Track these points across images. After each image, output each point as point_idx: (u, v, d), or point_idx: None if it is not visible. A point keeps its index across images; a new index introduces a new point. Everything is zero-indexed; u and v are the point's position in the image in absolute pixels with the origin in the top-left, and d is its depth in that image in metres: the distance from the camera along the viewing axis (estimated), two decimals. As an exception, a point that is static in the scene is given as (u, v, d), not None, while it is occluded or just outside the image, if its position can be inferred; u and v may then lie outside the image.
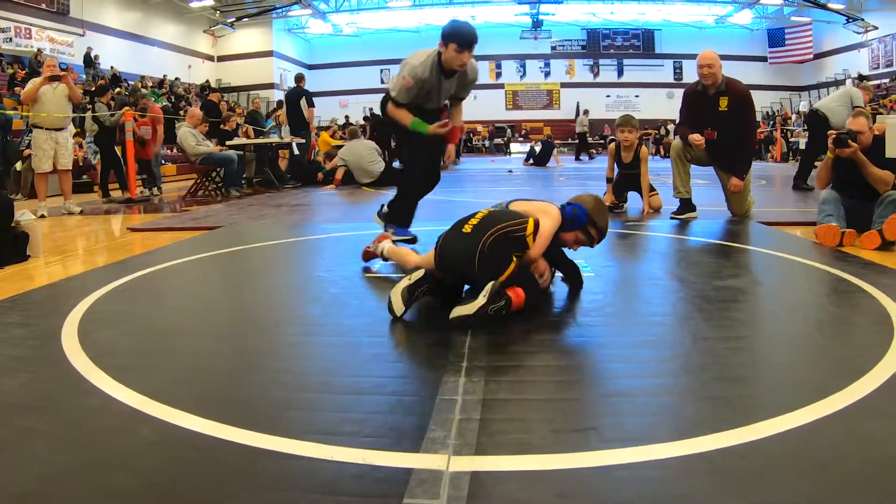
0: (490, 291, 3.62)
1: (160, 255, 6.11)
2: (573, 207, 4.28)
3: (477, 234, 3.91)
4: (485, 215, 4.09)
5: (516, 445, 2.21)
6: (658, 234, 7.13)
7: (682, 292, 4.53)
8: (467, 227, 4.00)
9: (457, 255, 3.95)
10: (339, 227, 7.86)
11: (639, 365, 3.07)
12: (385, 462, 2.11)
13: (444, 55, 5.71)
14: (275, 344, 3.63)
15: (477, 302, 3.58)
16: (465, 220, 4.09)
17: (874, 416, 2.43)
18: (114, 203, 12.60)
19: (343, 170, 14.80)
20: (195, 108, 16.94)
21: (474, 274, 3.85)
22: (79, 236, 8.25)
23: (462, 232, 3.99)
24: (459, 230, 4.03)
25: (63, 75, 10.78)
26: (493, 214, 4.12)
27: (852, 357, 3.09)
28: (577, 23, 44.40)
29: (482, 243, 3.84)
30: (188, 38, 38.15)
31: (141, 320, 4.09)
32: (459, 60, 5.67)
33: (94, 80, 24.51)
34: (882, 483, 1.98)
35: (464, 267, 3.91)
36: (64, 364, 3.13)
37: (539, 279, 4.16)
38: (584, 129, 31.58)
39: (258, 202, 11.72)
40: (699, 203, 8.28)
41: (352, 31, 45.19)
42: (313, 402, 2.67)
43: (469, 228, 3.98)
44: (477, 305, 3.57)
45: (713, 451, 2.15)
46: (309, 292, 4.80)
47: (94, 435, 2.39)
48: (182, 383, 2.90)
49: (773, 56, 43.14)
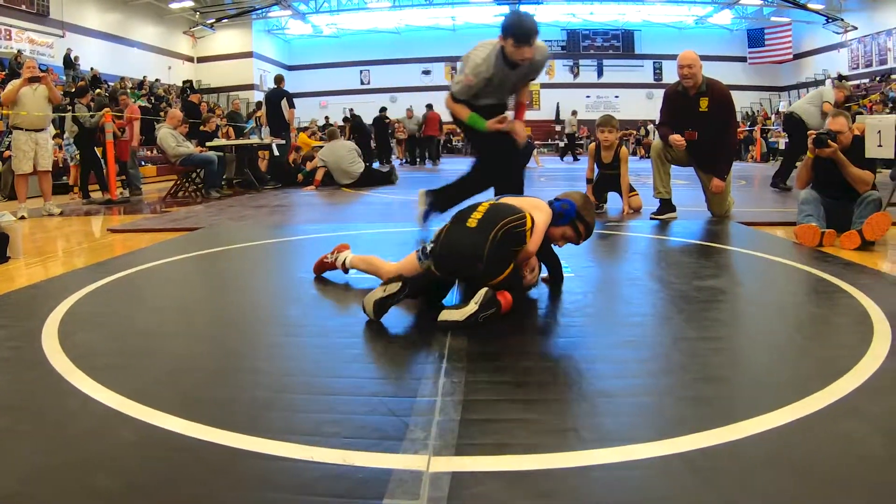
0: (483, 298, 3.56)
1: (140, 257, 6.08)
2: (562, 203, 4.24)
3: (484, 228, 3.81)
4: (488, 209, 3.97)
5: (496, 446, 2.22)
6: (638, 235, 7.14)
7: (662, 293, 4.54)
8: (472, 222, 3.87)
9: (463, 251, 3.82)
10: (319, 228, 7.84)
11: (619, 365, 3.07)
12: (365, 462, 2.11)
13: (506, 49, 5.69)
14: (255, 345, 3.63)
15: (468, 309, 3.53)
16: (466, 214, 3.98)
17: (853, 415, 2.44)
18: (94, 204, 12.54)
19: (323, 171, 14.78)
20: (175, 108, 16.89)
21: (476, 270, 3.78)
22: (59, 237, 8.20)
23: (467, 226, 3.86)
24: (463, 224, 3.90)
25: (43, 76, 10.74)
26: (495, 208, 4.00)
27: (832, 357, 3.11)
28: (556, 23, 44.45)
29: (491, 240, 3.76)
30: (168, 39, 38.04)
31: (121, 321, 4.07)
32: (520, 55, 5.64)
33: (74, 82, 24.39)
34: (861, 482, 1.99)
35: (468, 262, 3.81)
36: (44, 365, 3.11)
37: (529, 274, 4.15)
38: (572, 130, 31.65)
39: (238, 203, 11.68)
40: (679, 203, 8.31)
41: (332, 32, 45.16)
42: (294, 403, 2.66)
43: (474, 223, 3.86)
44: (467, 313, 3.52)
45: (693, 451, 2.15)
46: (289, 293, 4.79)
47: (75, 436, 2.38)
48: (162, 384, 2.90)
49: (752, 56, 43.34)
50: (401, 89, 43.96)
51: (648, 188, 8.78)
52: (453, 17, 44.06)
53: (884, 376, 2.80)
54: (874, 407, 2.52)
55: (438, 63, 45.81)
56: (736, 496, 1.91)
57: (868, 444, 2.23)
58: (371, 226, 7.99)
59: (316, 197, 12.84)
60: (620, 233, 7.26)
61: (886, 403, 2.55)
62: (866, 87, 32.83)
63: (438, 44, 44.99)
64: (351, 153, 14.99)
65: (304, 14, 41.92)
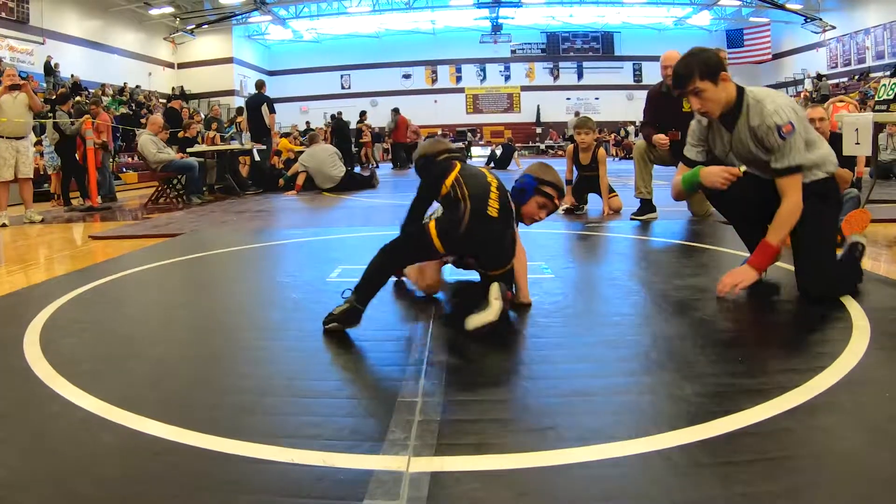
0: (500, 292, 3.56)
1: (122, 263, 6.07)
2: (518, 181, 4.11)
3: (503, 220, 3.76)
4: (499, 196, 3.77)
5: (476, 445, 2.23)
6: (618, 235, 7.17)
7: (642, 292, 4.57)
8: (492, 211, 3.70)
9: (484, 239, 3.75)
10: (300, 233, 7.84)
11: (598, 364, 3.09)
12: (345, 464, 2.11)
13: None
14: (236, 349, 3.62)
15: (495, 306, 3.50)
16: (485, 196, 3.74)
17: (833, 410, 2.46)
18: (75, 211, 12.50)
19: (304, 175, 14.74)
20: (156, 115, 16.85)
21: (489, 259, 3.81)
22: (40, 245, 8.17)
23: (488, 215, 3.69)
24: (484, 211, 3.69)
25: (23, 84, 10.72)
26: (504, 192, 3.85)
27: (812, 353, 3.14)
28: (536, 26, 44.55)
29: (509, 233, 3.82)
30: (148, 45, 37.86)
31: (103, 327, 4.06)
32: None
33: (54, 89, 24.28)
34: (841, 476, 2.01)
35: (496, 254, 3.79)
36: (26, 372, 3.10)
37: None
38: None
39: (220, 209, 11.66)
40: (659, 204, 8.33)
41: (312, 37, 45.07)
42: (274, 406, 2.66)
43: (494, 213, 3.71)
44: (497, 309, 3.50)
45: (672, 448, 2.17)
46: (270, 298, 4.79)
47: (57, 441, 2.37)
48: (144, 389, 2.89)
49: (732, 57, 43.45)
50: (381, 93, 43.94)
51: (629, 189, 8.81)
52: (433, 21, 44.07)
53: (862, 371, 2.82)
54: (853, 402, 2.54)
55: (419, 67, 45.86)
56: (715, 492, 1.92)
57: (848, 438, 2.25)
58: (353, 230, 8.00)
59: (297, 202, 12.83)
60: (601, 233, 7.28)
61: (865, 398, 2.58)
62: (845, 86, 33.04)
63: (418, 48, 45.06)
64: (332, 157, 14.96)
65: (284, 19, 41.83)
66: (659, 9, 42.23)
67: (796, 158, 3.92)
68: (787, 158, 3.91)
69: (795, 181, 3.95)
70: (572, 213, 8.85)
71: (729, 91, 4.05)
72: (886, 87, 7.61)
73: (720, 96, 4.05)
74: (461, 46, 44.55)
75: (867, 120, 7.00)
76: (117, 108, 26.98)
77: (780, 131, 3.86)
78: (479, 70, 46.18)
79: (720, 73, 4.01)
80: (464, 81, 46.37)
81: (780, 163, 3.94)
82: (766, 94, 4.00)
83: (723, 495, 1.90)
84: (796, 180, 3.96)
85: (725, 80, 4.02)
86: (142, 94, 33.81)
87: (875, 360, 2.96)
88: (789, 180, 3.96)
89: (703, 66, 4.02)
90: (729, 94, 4.05)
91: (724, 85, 4.03)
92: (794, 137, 3.87)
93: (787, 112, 3.87)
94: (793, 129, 3.86)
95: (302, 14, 41.54)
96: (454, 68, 46.00)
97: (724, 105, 4.09)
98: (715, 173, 4.19)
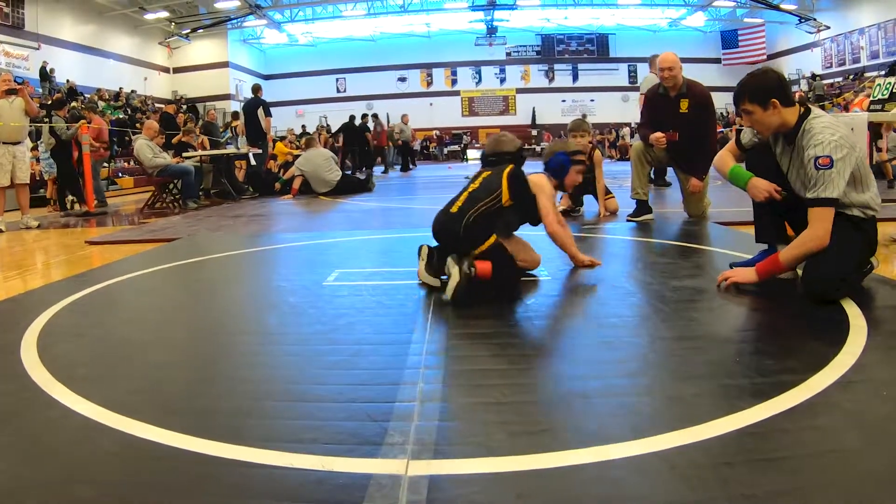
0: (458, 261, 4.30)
1: (118, 268, 6.07)
2: (553, 161, 5.21)
3: (461, 215, 4.64)
4: (466, 198, 4.78)
5: (474, 449, 2.23)
6: (615, 237, 7.17)
7: (639, 294, 4.56)
8: (454, 209, 4.75)
9: (447, 233, 4.72)
10: (296, 237, 7.84)
11: (595, 366, 3.09)
12: (344, 468, 2.11)
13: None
14: (234, 353, 3.62)
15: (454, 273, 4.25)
16: (453, 201, 4.84)
17: (830, 410, 2.47)
18: (71, 216, 12.50)
19: (300, 179, 14.74)
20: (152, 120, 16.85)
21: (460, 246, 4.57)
22: (37, 250, 8.18)
23: (450, 212, 4.75)
24: (448, 211, 4.78)
25: (20, 89, 10.72)
26: (472, 195, 4.77)
27: (808, 353, 3.13)
28: (531, 28, 44.65)
29: (465, 223, 4.58)
30: (144, 50, 37.89)
31: (100, 333, 4.06)
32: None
33: (50, 94, 24.27)
34: (839, 476, 2.01)
35: (452, 241, 4.64)
36: (24, 378, 3.10)
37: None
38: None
39: (216, 213, 11.66)
40: (655, 205, 8.34)
41: (307, 41, 45.16)
42: (273, 411, 2.66)
43: (455, 209, 4.73)
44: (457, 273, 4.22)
45: (670, 450, 2.16)
46: (268, 302, 4.79)
47: (55, 447, 2.37)
48: (142, 394, 2.89)
49: (726, 57, 43.59)
50: (377, 97, 44.01)
51: (625, 191, 8.82)
52: (428, 24, 44.13)
53: (860, 371, 2.82)
54: (851, 401, 2.54)
55: (414, 70, 45.90)
56: (714, 493, 1.92)
57: (845, 438, 2.25)
58: (349, 233, 8.00)
59: (293, 206, 12.82)
60: (597, 235, 7.29)
61: (862, 398, 2.58)
62: (840, 86, 33.10)
63: (414, 51, 45.13)
64: (328, 161, 14.97)
65: (280, 23, 41.86)
66: (653, 10, 42.31)
67: (829, 192, 3.90)
68: (819, 189, 3.91)
69: (824, 214, 3.94)
70: (569, 216, 8.84)
71: (783, 117, 4.11)
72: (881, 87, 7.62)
73: (770, 121, 4.13)
74: (456, 49, 44.64)
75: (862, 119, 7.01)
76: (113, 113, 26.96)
77: (816, 162, 3.89)
78: (475, 73, 46.25)
79: (771, 99, 4.06)
80: (459, 84, 46.45)
81: (811, 192, 3.96)
82: (824, 125, 4.01)
83: (722, 496, 1.89)
84: (825, 213, 3.94)
85: (777, 108, 4.08)
86: (137, 98, 33.79)
87: (872, 360, 2.96)
88: (819, 212, 3.95)
89: (754, 89, 4.15)
90: (783, 119, 4.12)
91: (775, 111, 4.09)
92: (831, 172, 3.87)
93: (829, 146, 3.88)
94: (830, 164, 3.86)
95: (297, 18, 41.62)
96: (449, 71, 46.07)
97: (776, 128, 4.18)
98: (760, 188, 4.34)
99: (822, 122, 4.02)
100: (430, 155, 43.42)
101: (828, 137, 3.90)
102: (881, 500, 1.88)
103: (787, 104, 4.10)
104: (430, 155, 43.42)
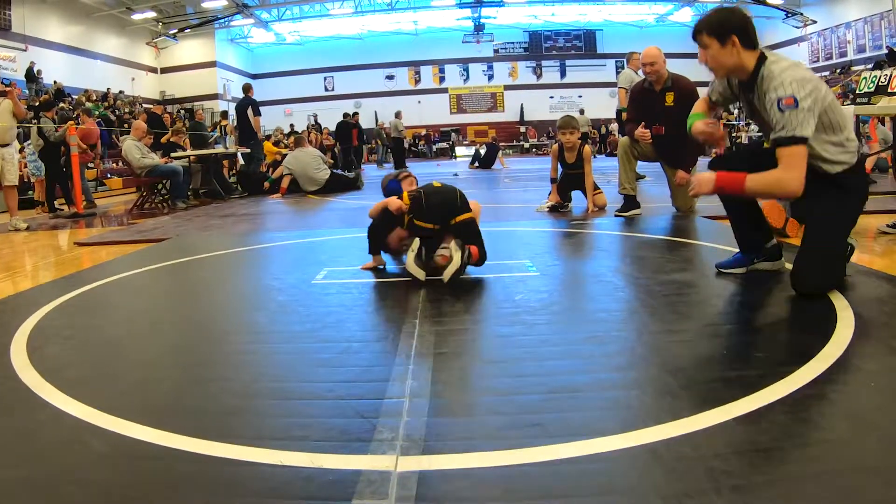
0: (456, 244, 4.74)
1: (108, 269, 6.06)
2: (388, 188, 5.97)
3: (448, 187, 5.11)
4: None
5: (463, 444, 2.23)
6: (603, 232, 7.18)
7: (627, 288, 4.58)
8: (437, 184, 5.14)
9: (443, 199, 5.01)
10: (285, 236, 7.84)
11: (584, 360, 3.10)
12: (334, 465, 2.12)
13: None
14: (223, 352, 3.62)
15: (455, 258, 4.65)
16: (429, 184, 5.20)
17: (818, 401, 2.48)
18: (60, 218, 12.48)
19: (289, 178, 14.74)
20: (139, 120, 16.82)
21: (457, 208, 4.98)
22: (26, 252, 8.15)
23: (435, 186, 5.10)
24: (432, 186, 5.12)
25: (8, 91, 10.69)
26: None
27: (796, 345, 3.16)
28: (518, 25, 44.66)
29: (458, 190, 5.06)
30: (131, 50, 37.77)
31: (90, 334, 4.05)
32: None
33: (37, 95, 24.22)
34: (827, 466, 2.02)
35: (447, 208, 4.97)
36: (13, 380, 3.09)
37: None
38: (586, 129, 31.81)
39: (205, 213, 11.64)
40: (643, 200, 8.35)
41: (295, 40, 45.09)
42: (262, 409, 2.67)
43: (438, 185, 5.13)
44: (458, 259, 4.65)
45: (657, 442, 2.17)
46: (256, 300, 4.79)
47: (45, 449, 2.36)
48: (132, 395, 2.89)
49: (713, 53, 43.56)
50: (365, 95, 44.00)
51: (613, 186, 8.84)
52: (415, 22, 44.12)
53: (847, 362, 2.84)
54: (839, 392, 2.57)
55: (402, 68, 45.88)
56: (703, 485, 1.92)
57: (834, 428, 2.28)
58: (338, 231, 8.01)
59: (282, 205, 12.81)
60: (585, 231, 7.30)
61: (851, 388, 2.61)
62: (827, 80, 33.15)
63: (401, 49, 45.11)
64: (316, 160, 14.98)
65: (267, 22, 41.79)
66: (640, 6, 42.39)
67: (796, 130, 3.70)
68: (786, 129, 3.72)
69: (794, 155, 3.74)
70: (557, 211, 8.86)
71: (741, 58, 3.94)
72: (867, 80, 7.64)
73: (725, 59, 3.98)
74: (444, 47, 44.63)
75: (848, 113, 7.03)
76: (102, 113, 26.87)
77: (779, 104, 3.71)
78: (463, 70, 46.24)
79: (731, 34, 3.90)
80: (447, 81, 46.44)
81: (776, 133, 3.77)
82: (783, 67, 3.84)
83: (711, 488, 1.90)
84: (796, 155, 3.74)
85: (735, 46, 3.91)
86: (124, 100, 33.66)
87: (860, 351, 2.98)
88: (788, 152, 3.75)
89: (715, 23, 3.98)
90: (740, 61, 3.96)
91: (732, 49, 3.93)
92: (796, 112, 3.68)
93: (791, 86, 3.71)
94: (795, 104, 3.68)
95: (285, 17, 41.57)
96: (437, 68, 46.06)
97: (730, 70, 4.05)
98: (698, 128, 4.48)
99: (781, 66, 3.85)
100: (419, 152, 43.41)
101: (788, 77, 3.74)
102: (871, 489, 1.89)
103: (747, 46, 3.94)
104: (419, 152, 43.41)
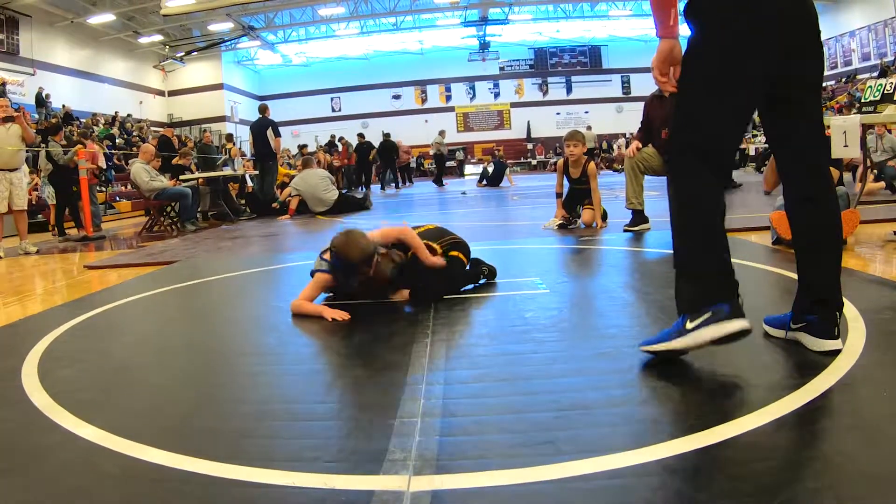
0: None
1: (118, 292, 6.09)
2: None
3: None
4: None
5: (476, 462, 2.22)
6: (612, 248, 7.18)
7: (637, 304, 4.58)
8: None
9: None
10: (294, 257, 7.84)
11: (595, 377, 3.09)
12: (346, 485, 2.11)
13: None
14: (234, 374, 3.61)
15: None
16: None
17: (831, 413, 2.48)
18: (70, 241, 12.52)
19: (297, 199, 14.77)
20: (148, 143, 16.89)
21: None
22: (36, 276, 8.19)
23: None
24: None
25: (17, 116, 10.75)
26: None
27: (807, 356, 3.13)
28: (524, 42, 44.73)
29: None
30: (138, 73, 37.96)
31: (100, 357, 4.06)
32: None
33: (46, 119, 24.31)
34: (841, 479, 2.01)
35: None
36: (24, 403, 3.10)
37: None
38: (593, 145, 31.85)
39: (214, 235, 11.67)
40: (651, 214, 8.34)
41: (301, 61, 45.22)
42: (274, 430, 2.66)
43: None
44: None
45: (672, 458, 2.16)
46: (266, 322, 4.79)
47: (57, 471, 2.37)
48: (143, 417, 2.89)
49: (719, 66, 43.55)
50: (372, 115, 44.08)
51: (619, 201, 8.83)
52: (421, 41, 44.23)
53: (859, 372, 2.82)
54: (851, 403, 2.55)
55: (408, 87, 45.98)
56: (716, 500, 1.92)
57: (846, 440, 2.26)
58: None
59: (291, 226, 12.85)
60: (594, 246, 7.30)
61: (862, 399, 2.59)
62: (833, 89, 33.13)
63: (407, 68, 45.20)
64: (324, 181, 15.01)
65: (273, 44, 41.94)
66: (645, 21, 42.31)
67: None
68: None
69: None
70: (565, 228, 8.84)
71: None
72: (873, 89, 7.63)
73: None
74: (450, 65, 44.73)
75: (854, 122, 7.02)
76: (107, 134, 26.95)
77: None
78: (469, 88, 46.30)
79: None
80: (453, 100, 46.48)
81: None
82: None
83: (726, 501, 1.89)
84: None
85: None
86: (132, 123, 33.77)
87: (871, 361, 2.97)
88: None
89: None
90: None
91: None
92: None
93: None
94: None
95: (291, 38, 41.72)
96: (443, 87, 46.14)
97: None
98: None
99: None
100: (427, 172, 43.43)
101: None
102: (885, 501, 1.88)
103: None
104: (427, 172, 43.43)
